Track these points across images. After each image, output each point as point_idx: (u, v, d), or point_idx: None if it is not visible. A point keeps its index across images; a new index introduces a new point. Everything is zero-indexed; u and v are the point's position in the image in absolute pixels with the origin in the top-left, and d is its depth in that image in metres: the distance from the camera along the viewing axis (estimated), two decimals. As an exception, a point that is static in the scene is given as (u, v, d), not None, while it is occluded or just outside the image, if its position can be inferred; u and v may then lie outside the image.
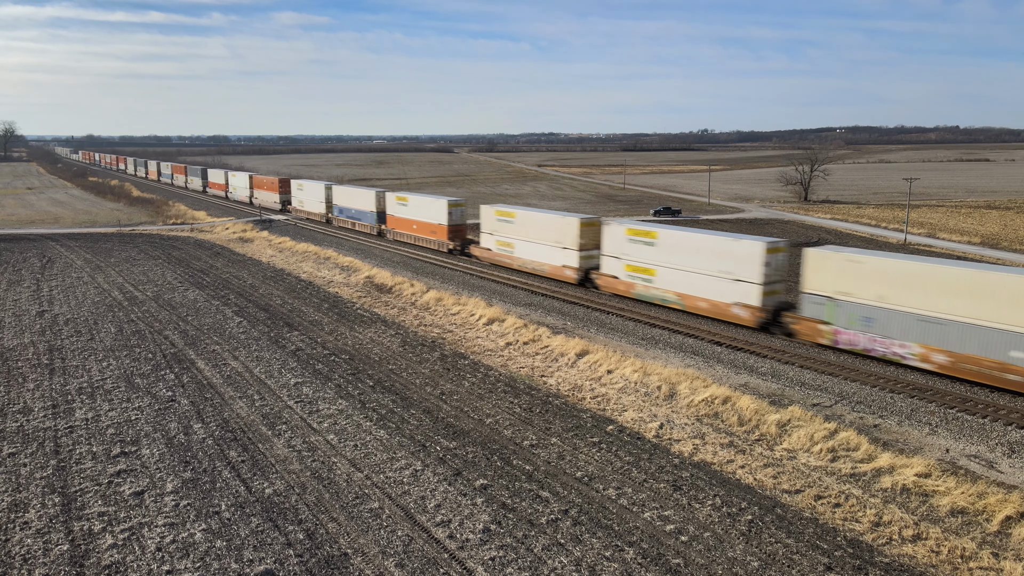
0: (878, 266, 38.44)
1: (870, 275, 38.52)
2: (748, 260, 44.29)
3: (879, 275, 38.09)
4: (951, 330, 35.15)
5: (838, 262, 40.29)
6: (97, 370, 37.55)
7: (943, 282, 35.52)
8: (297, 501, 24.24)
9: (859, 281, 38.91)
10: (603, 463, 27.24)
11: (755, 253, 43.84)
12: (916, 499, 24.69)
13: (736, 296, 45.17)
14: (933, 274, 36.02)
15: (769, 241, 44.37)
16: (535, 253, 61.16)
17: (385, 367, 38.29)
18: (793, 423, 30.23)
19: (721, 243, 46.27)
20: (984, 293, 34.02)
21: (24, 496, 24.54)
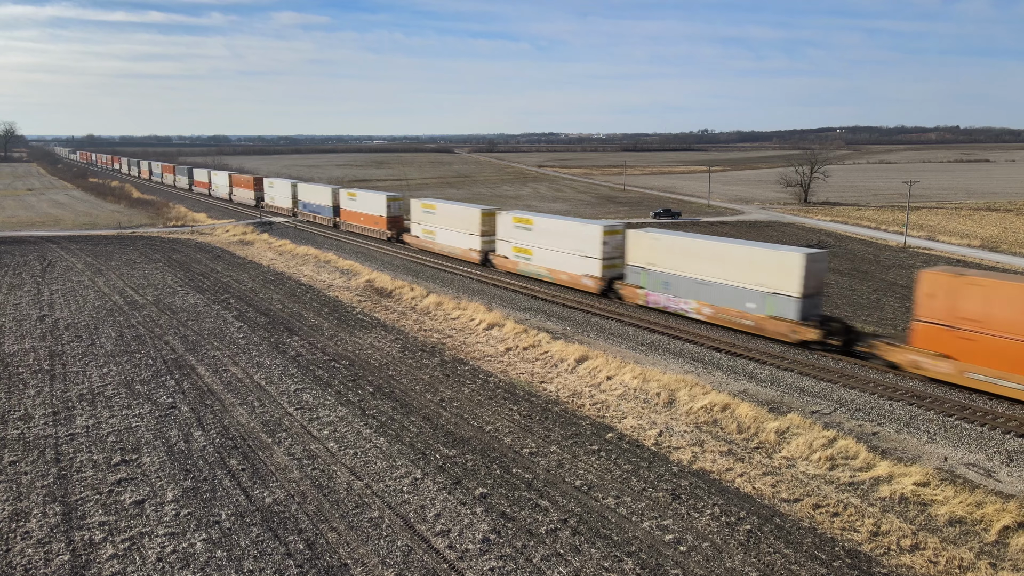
0: (670, 242, 49.08)
1: (666, 250, 49.11)
2: (592, 240, 54.54)
3: (671, 250, 48.79)
4: (713, 289, 46.13)
5: (647, 240, 50.50)
6: (98, 376, 37.63)
7: (708, 254, 46.40)
8: (297, 510, 24.32)
9: (659, 254, 49.55)
10: (602, 471, 27.32)
11: (596, 235, 54.19)
12: (914, 508, 24.77)
13: (585, 269, 55.74)
14: (702, 248, 46.96)
15: (607, 225, 55.05)
16: (450, 239, 71.90)
17: (385, 373, 38.37)
18: (792, 431, 30.31)
19: (573, 227, 57.12)
20: (731, 261, 44.91)
21: (25, 505, 24.62)
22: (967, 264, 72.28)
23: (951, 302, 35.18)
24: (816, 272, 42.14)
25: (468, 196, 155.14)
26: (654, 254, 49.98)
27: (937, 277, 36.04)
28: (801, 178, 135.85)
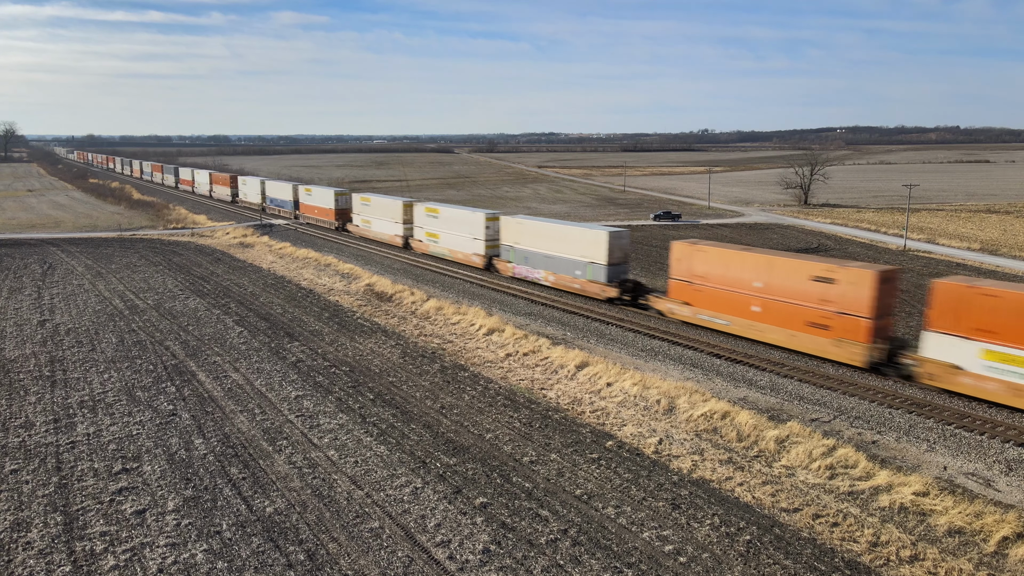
0: (529, 226, 61.78)
1: (526, 232, 61.79)
2: (478, 225, 67.21)
3: (529, 232, 61.44)
4: (556, 261, 58.51)
5: (514, 224, 63.27)
6: (98, 382, 37.68)
7: (553, 234, 58.90)
8: (298, 520, 24.37)
9: (522, 236, 62.13)
10: (602, 480, 27.37)
11: (480, 221, 66.83)
12: (914, 518, 24.82)
13: (474, 248, 68.41)
14: (549, 229, 59.70)
15: (488, 212, 67.80)
16: (382, 227, 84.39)
17: (386, 379, 38.42)
18: (792, 439, 30.36)
19: (466, 215, 69.40)
20: (566, 239, 57.38)
21: (27, 515, 24.67)
22: (967, 268, 72.33)
23: (689, 265, 47.83)
24: (619, 246, 54.22)
25: (468, 197, 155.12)
26: (519, 235, 62.65)
27: (679, 246, 48.87)
28: (801, 180, 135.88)
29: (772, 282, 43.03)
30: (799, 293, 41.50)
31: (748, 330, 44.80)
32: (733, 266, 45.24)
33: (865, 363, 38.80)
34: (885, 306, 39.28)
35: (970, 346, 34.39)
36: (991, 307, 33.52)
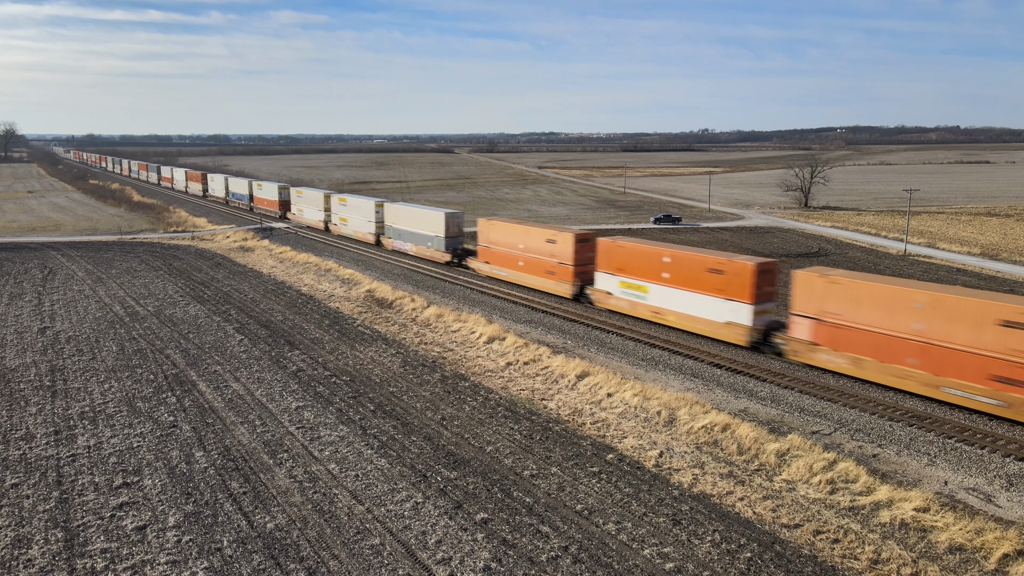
0: (399, 210, 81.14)
1: (399, 215, 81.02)
2: (371, 211, 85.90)
3: (400, 215, 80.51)
4: (416, 236, 77.02)
5: (391, 208, 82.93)
6: (99, 392, 37.68)
7: (415, 215, 77.37)
8: (299, 536, 24.37)
9: (397, 218, 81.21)
10: (603, 495, 27.37)
11: (372, 207, 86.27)
12: (915, 535, 24.82)
13: (369, 229, 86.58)
14: (413, 211, 78.54)
15: (376, 200, 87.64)
16: (311, 215, 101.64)
17: (386, 389, 38.42)
18: (792, 452, 30.36)
19: (362, 203, 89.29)
20: (422, 219, 75.84)
21: (27, 531, 24.67)
22: (967, 273, 72.33)
23: (487, 234, 66.70)
24: (455, 223, 72.76)
25: (468, 199, 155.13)
26: (395, 218, 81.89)
27: (482, 222, 68.21)
28: (801, 182, 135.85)
29: (528, 244, 61.40)
30: (542, 251, 60.02)
31: (517, 278, 63.55)
32: (509, 234, 63.87)
33: (571, 294, 57.83)
34: (585, 259, 57.01)
35: (614, 279, 53.43)
36: (621, 254, 52.75)
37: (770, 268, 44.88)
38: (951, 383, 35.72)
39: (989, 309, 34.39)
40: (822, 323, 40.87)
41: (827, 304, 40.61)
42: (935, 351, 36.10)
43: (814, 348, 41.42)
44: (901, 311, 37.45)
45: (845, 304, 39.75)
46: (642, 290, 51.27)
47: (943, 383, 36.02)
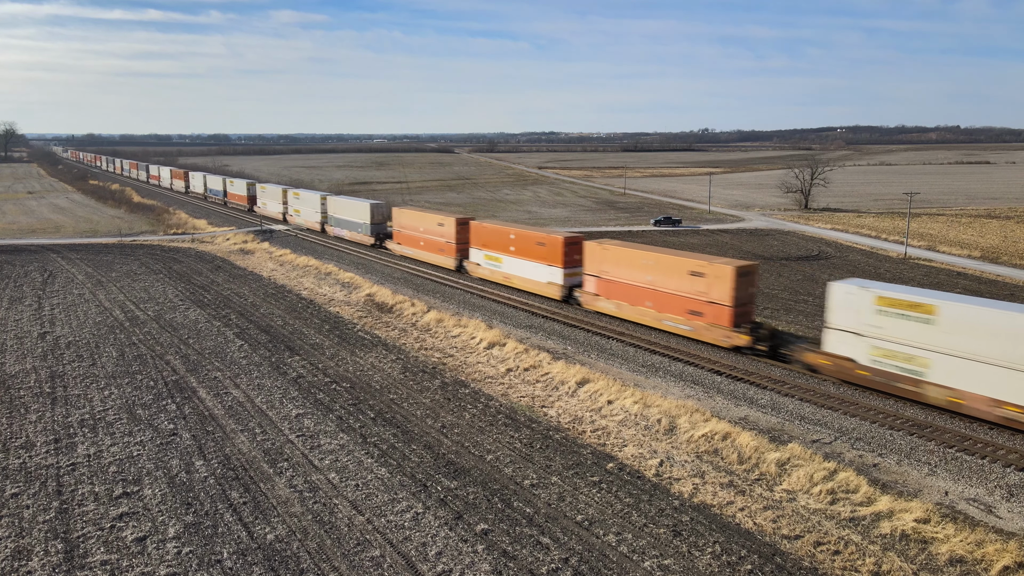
0: (336, 202, 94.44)
1: (336, 206, 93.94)
2: (318, 203, 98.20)
3: (337, 206, 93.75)
4: (349, 223, 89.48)
5: (331, 200, 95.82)
6: (99, 399, 37.65)
7: (349, 206, 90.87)
8: (299, 548, 24.35)
9: (335, 209, 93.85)
10: (603, 505, 27.35)
11: (318, 200, 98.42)
12: (915, 546, 24.80)
13: (315, 219, 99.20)
14: (347, 202, 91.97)
15: (322, 194, 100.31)
16: (272, 208, 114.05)
17: (386, 396, 38.40)
18: (793, 462, 30.34)
19: (311, 196, 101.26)
20: (354, 209, 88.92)
21: (27, 542, 24.65)
22: (967, 277, 72.29)
23: (399, 221, 79.63)
24: (379, 213, 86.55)
25: (468, 200, 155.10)
26: (334, 209, 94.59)
27: (395, 211, 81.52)
28: (802, 184, 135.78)
29: (426, 227, 74.67)
30: (435, 233, 73.19)
31: (418, 255, 76.49)
32: (413, 219, 77.32)
33: (454, 266, 70.88)
34: (463, 239, 69.60)
35: (483, 253, 66.09)
36: (484, 233, 65.63)
37: (576, 241, 57.27)
38: (668, 317, 48.73)
39: (684, 263, 47.17)
40: (600, 279, 53.67)
41: (603, 266, 53.26)
42: (659, 295, 49.15)
43: (596, 298, 54.38)
44: (640, 268, 50.39)
45: (611, 265, 52.52)
46: (498, 260, 64.61)
47: (664, 317, 49.08)
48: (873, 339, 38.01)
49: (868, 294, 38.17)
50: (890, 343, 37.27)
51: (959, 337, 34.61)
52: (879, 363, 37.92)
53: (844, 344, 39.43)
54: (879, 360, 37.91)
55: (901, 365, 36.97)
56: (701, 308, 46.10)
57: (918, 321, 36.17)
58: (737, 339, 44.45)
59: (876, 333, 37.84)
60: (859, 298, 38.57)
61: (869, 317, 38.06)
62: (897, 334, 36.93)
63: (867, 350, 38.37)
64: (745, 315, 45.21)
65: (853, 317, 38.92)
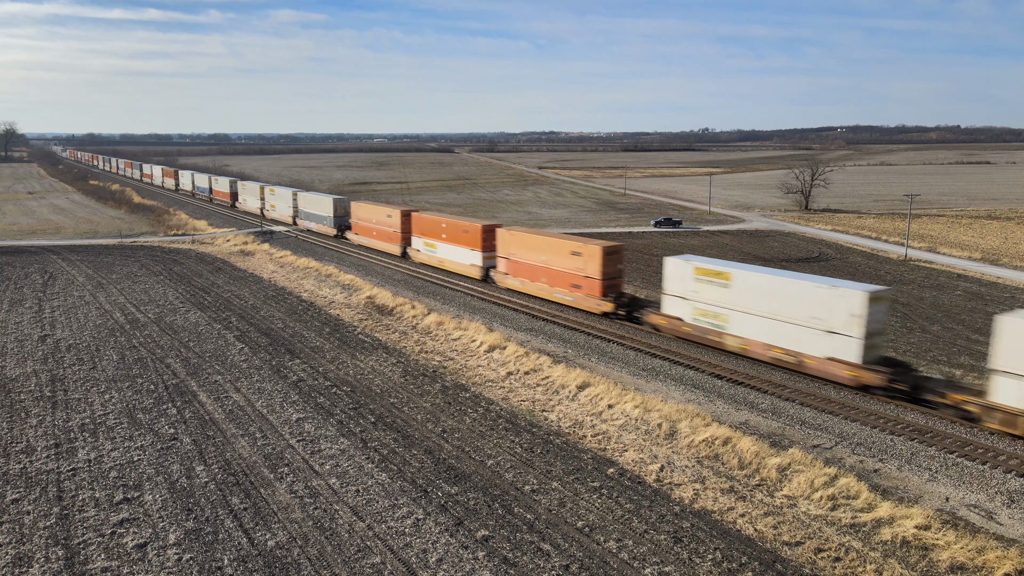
0: (306, 197, 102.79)
1: (306, 201, 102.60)
2: (290, 199, 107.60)
3: (307, 201, 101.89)
4: (316, 217, 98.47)
5: (301, 196, 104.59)
6: (99, 403, 37.65)
7: (313, 201, 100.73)
8: (299, 555, 24.34)
9: (304, 204, 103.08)
10: (604, 511, 27.34)
11: (289, 196, 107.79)
12: (916, 553, 24.79)
13: (288, 214, 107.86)
14: (312, 198, 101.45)
15: (293, 190, 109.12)
16: (252, 203, 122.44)
17: (387, 400, 38.39)
18: (793, 467, 30.33)
19: (284, 192, 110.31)
20: (318, 204, 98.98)
21: (28, 549, 24.65)
22: (967, 279, 72.28)
23: (356, 214, 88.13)
24: (340, 206, 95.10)
25: (468, 200, 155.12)
26: (303, 204, 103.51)
27: (355, 205, 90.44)
28: (802, 185, 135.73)
29: (377, 219, 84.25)
30: (384, 223, 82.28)
31: (371, 244, 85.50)
32: (367, 212, 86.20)
33: (399, 253, 79.34)
34: (407, 228, 78.33)
35: (422, 240, 74.86)
36: (422, 223, 74.90)
37: (492, 229, 65.87)
38: (557, 290, 57.64)
39: (567, 246, 56.09)
40: (509, 261, 62.62)
41: (510, 249, 62.21)
42: (551, 272, 57.86)
43: (506, 276, 63.24)
44: (537, 250, 59.28)
45: (516, 248, 61.46)
46: (433, 247, 73.52)
47: (554, 291, 57.93)
48: (694, 301, 46.96)
49: (689, 265, 46.99)
50: (704, 304, 46.35)
51: (744, 297, 43.83)
52: (698, 320, 46.89)
53: (675, 306, 48.39)
54: (698, 318, 46.91)
55: (711, 321, 46.09)
56: (580, 282, 55.36)
57: (720, 286, 45.17)
58: (605, 306, 53.58)
59: (695, 296, 46.87)
60: (683, 269, 47.33)
61: (690, 284, 46.79)
62: (707, 297, 45.99)
63: (690, 311, 47.34)
64: (613, 287, 53.96)
65: (680, 284, 47.78)
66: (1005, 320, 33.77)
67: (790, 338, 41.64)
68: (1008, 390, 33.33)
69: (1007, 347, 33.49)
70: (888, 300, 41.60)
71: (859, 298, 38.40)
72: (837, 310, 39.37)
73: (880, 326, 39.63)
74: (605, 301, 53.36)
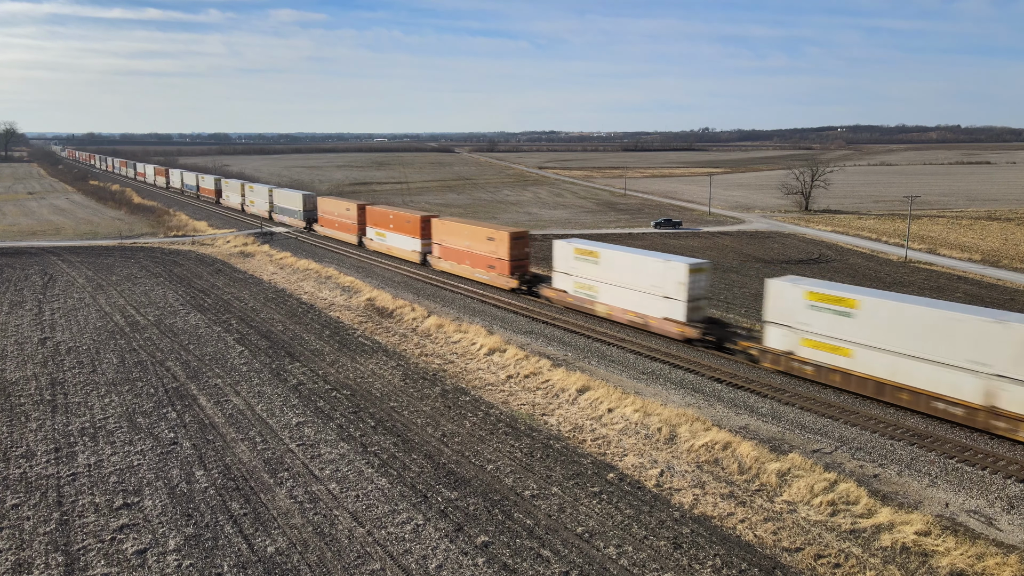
0: (279, 193, 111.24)
1: (280, 197, 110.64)
2: (265, 195, 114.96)
3: (281, 197, 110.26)
4: (287, 211, 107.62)
5: (276, 193, 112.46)
6: (99, 407, 37.65)
7: (286, 197, 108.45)
8: (299, 561, 24.34)
9: (278, 200, 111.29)
10: (604, 516, 27.34)
11: (266, 192, 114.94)
12: (916, 559, 24.79)
13: (265, 208, 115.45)
14: (285, 194, 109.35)
15: (269, 187, 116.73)
16: (234, 199, 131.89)
17: (387, 404, 38.39)
18: (793, 472, 30.33)
19: (261, 188, 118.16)
20: (288, 200, 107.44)
21: (28, 555, 24.65)
22: (967, 281, 72.25)
23: (321, 207, 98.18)
24: (309, 201, 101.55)
25: (468, 201, 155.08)
26: (277, 200, 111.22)
27: (321, 200, 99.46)
28: (802, 186, 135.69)
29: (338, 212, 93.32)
30: (344, 216, 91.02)
31: (334, 235, 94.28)
32: (330, 206, 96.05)
33: (356, 242, 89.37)
34: (363, 220, 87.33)
35: (374, 231, 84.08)
36: (374, 215, 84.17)
37: (428, 219, 75.06)
38: (478, 271, 67.07)
39: (484, 232, 65.81)
40: (442, 246, 72.17)
41: (442, 236, 71.97)
42: (473, 255, 67.42)
43: (440, 260, 72.71)
44: (462, 236, 68.93)
45: (447, 235, 71.30)
46: (383, 236, 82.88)
47: (476, 272, 67.30)
48: (574, 276, 56.46)
49: (570, 247, 56.54)
50: (581, 279, 55.59)
51: (608, 272, 53.42)
52: (578, 292, 56.36)
53: (561, 282, 57.80)
54: (578, 291, 56.35)
55: (587, 292, 55.57)
56: (494, 263, 64.92)
57: (591, 263, 54.46)
58: (512, 283, 63.42)
59: (574, 272, 56.35)
60: (565, 251, 56.97)
61: (570, 262, 56.60)
62: (582, 273, 55.59)
63: (572, 285, 56.86)
64: (519, 267, 63.69)
65: (563, 263, 57.13)
66: (770, 283, 43.60)
67: (640, 303, 50.85)
68: (774, 336, 42.94)
69: (772, 304, 43.20)
70: (708, 271, 49.44)
71: (683, 269, 47.59)
72: (669, 279, 48.46)
73: (702, 292, 48.77)
74: (512, 279, 63.44)
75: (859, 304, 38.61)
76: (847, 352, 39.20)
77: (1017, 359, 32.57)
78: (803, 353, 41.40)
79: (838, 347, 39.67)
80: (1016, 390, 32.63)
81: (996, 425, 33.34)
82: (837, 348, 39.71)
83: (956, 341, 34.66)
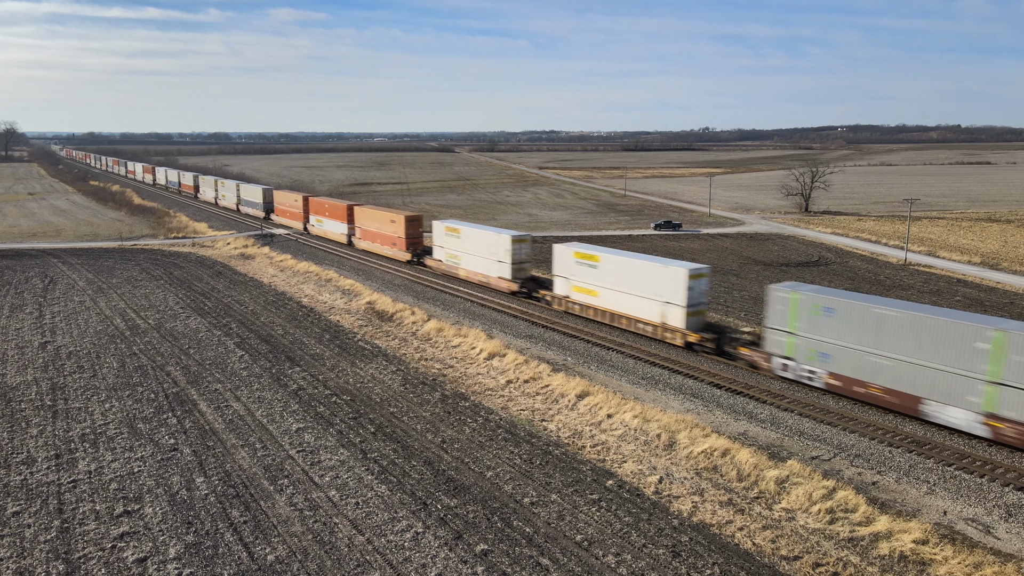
0: (245, 188, 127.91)
1: (246, 192, 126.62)
2: (233, 190, 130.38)
3: (246, 192, 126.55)
4: (252, 203, 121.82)
5: (244, 187, 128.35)
6: (100, 413, 37.74)
7: (250, 191, 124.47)
8: (299, 569, 24.42)
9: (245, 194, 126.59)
10: (603, 524, 27.42)
11: (234, 187, 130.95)
12: (914, 568, 24.87)
13: (234, 203, 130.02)
14: (252, 189, 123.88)
15: (238, 183, 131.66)
16: (210, 195, 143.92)
17: (387, 410, 38.47)
18: (792, 479, 30.40)
19: (231, 184, 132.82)
20: (253, 194, 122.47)
21: (29, 563, 24.73)
22: (967, 284, 72.31)
23: (278, 200, 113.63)
24: (268, 195, 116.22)
25: (468, 202, 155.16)
26: (245, 195, 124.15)
27: (277, 193, 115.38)
28: (802, 187, 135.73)
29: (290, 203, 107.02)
30: (294, 207, 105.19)
31: (288, 223, 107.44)
32: (284, 197, 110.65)
33: (302, 229, 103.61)
34: (307, 209, 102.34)
35: (315, 218, 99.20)
36: (314, 205, 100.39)
37: (352, 207, 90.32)
38: (386, 248, 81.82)
39: (387, 216, 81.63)
40: (362, 229, 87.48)
41: (362, 221, 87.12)
42: (382, 235, 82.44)
43: (360, 240, 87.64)
44: (374, 220, 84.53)
45: (365, 220, 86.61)
46: (321, 222, 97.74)
47: (384, 249, 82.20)
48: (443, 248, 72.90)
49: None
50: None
51: (467, 244, 68.46)
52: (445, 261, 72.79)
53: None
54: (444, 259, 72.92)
55: (453, 262, 70.75)
56: (395, 241, 79.82)
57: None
58: (406, 256, 78.49)
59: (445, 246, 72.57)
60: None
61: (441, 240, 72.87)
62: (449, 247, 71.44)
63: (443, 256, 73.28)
64: (414, 245, 78.46)
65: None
66: (555, 248, 58.72)
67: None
68: (559, 285, 58.42)
69: (555, 261, 58.75)
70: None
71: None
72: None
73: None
74: (407, 253, 78.97)
75: (600, 259, 54.62)
76: (595, 293, 55.30)
77: (676, 291, 48.11)
78: (574, 297, 57.20)
79: (591, 290, 55.60)
80: (676, 311, 48.39)
81: (666, 336, 49.26)
82: (590, 291, 55.69)
83: (648, 282, 50.31)
